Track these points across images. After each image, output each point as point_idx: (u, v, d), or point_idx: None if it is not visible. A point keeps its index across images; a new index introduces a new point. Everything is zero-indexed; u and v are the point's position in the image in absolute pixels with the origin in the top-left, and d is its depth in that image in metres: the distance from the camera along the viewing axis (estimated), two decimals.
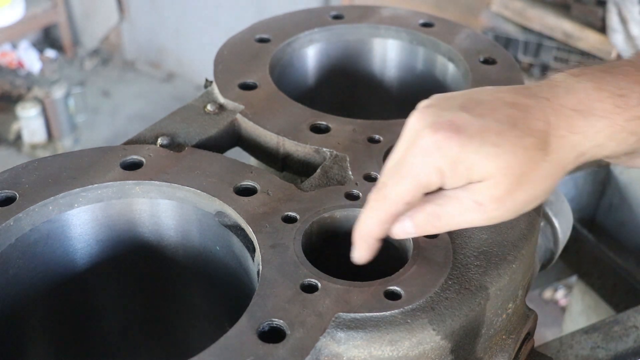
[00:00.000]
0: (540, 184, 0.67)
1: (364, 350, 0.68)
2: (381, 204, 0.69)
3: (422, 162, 0.66)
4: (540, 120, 0.67)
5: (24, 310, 0.85)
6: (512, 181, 0.65)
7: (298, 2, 3.46)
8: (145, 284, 0.94)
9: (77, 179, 0.84)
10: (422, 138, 0.66)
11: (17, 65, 4.55)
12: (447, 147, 0.65)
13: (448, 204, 0.68)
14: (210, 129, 0.95)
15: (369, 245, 0.73)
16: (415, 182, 0.67)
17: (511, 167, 0.64)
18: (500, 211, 0.67)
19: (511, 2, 3.12)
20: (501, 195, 0.65)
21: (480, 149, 0.64)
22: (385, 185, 0.69)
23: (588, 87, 0.69)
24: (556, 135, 0.67)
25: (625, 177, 1.42)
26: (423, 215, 0.69)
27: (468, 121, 0.66)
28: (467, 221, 0.68)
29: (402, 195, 0.68)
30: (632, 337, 1.04)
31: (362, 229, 0.72)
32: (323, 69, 1.19)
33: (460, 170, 0.65)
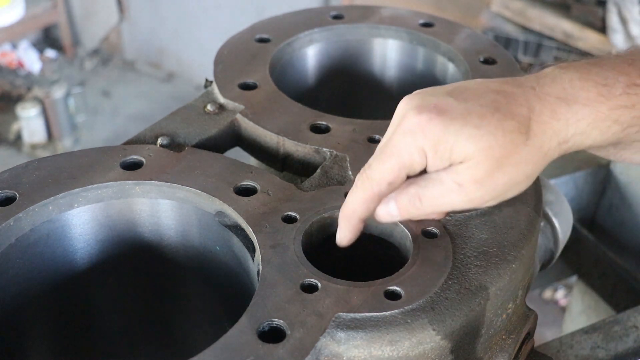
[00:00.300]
0: (520, 167, 0.68)
1: (364, 350, 0.68)
2: (365, 184, 0.71)
3: (405, 142, 0.68)
4: (523, 106, 0.68)
5: (24, 310, 0.85)
6: (492, 163, 0.66)
7: (298, 2, 3.46)
8: (145, 284, 0.94)
9: (77, 179, 0.84)
10: (406, 119, 0.68)
11: (17, 65, 4.55)
12: (430, 128, 0.66)
13: (430, 185, 0.69)
14: (210, 129, 0.95)
15: (352, 226, 0.74)
16: (398, 162, 0.68)
17: (491, 148, 0.66)
18: (480, 192, 0.68)
19: (511, 2, 3.12)
20: (481, 176, 0.66)
21: (462, 130, 0.66)
22: (370, 166, 0.70)
23: (573, 77, 0.70)
24: (538, 121, 0.68)
25: (625, 177, 1.42)
26: (406, 197, 0.70)
27: (452, 105, 0.67)
28: (448, 202, 0.69)
29: (385, 174, 0.69)
30: (632, 337, 1.04)
31: (346, 208, 0.73)
32: (323, 69, 1.19)
33: (441, 151, 0.66)
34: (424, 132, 0.67)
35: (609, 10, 2.86)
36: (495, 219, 0.80)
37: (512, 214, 0.81)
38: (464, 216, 0.80)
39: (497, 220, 0.80)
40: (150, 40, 4.90)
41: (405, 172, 0.69)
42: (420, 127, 0.67)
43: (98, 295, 0.93)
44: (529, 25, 3.12)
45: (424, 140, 0.67)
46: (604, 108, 0.69)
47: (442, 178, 0.68)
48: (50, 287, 0.86)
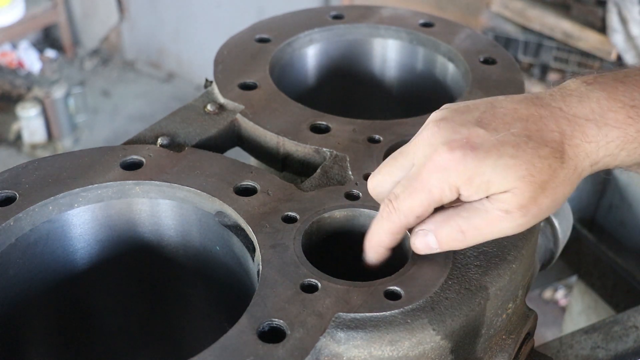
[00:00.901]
0: (560, 189, 0.68)
1: (364, 350, 0.68)
2: (392, 216, 0.70)
3: (436, 179, 0.67)
4: (555, 132, 0.68)
5: (24, 310, 0.85)
6: (536, 188, 0.66)
7: (298, 2, 3.46)
8: (145, 284, 0.94)
9: (77, 179, 0.84)
10: (438, 155, 0.67)
11: (17, 65, 4.55)
12: (464, 164, 0.66)
13: (474, 216, 0.68)
14: (210, 129, 0.95)
15: (379, 254, 0.75)
16: (428, 197, 0.68)
17: (531, 175, 0.66)
18: (527, 217, 0.68)
19: (511, 2, 3.12)
20: (527, 202, 0.66)
21: (498, 163, 0.66)
22: (397, 198, 0.70)
23: (601, 97, 0.70)
24: (571, 145, 0.68)
25: (625, 177, 1.42)
26: (447, 230, 0.70)
27: (484, 137, 0.67)
28: (495, 231, 0.69)
29: (414, 209, 0.69)
30: (632, 337, 1.04)
31: (372, 238, 0.74)
32: (323, 69, 1.19)
33: (477, 185, 0.66)
34: (457, 170, 0.66)
35: (609, 10, 2.86)
36: None
37: None
38: None
39: None
40: (150, 40, 4.90)
41: (434, 206, 0.69)
42: (454, 164, 0.66)
43: (98, 295, 0.93)
44: (529, 25, 3.12)
45: (457, 177, 0.66)
46: (632, 130, 0.69)
47: (487, 207, 0.67)
48: (50, 287, 0.86)
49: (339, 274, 0.72)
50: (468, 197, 0.68)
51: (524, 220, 0.68)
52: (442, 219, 0.70)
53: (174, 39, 4.78)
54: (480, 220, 0.68)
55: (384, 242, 0.73)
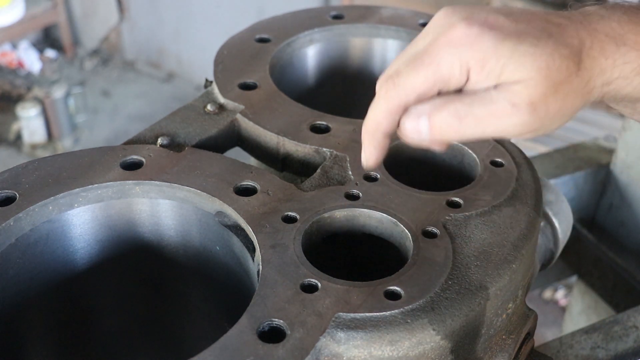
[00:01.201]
0: (570, 97, 0.64)
1: (364, 350, 0.68)
2: (390, 92, 0.65)
3: (448, 54, 0.62)
4: (575, 38, 0.64)
5: (24, 310, 0.85)
6: (549, 86, 0.62)
7: (298, 2, 3.46)
8: (145, 284, 0.94)
9: (77, 179, 0.84)
10: (454, 29, 0.62)
11: (17, 65, 4.56)
12: (480, 43, 0.61)
13: (477, 103, 0.62)
14: (210, 129, 0.95)
15: (377, 142, 0.68)
16: (435, 73, 0.62)
17: (549, 69, 0.61)
18: (532, 117, 0.62)
19: (511, 2, 3.12)
20: (537, 98, 0.61)
21: (517, 47, 0.61)
22: (399, 73, 0.64)
23: (622, 19, 0.67)
24: (588, 55, 0.64)
25: (625, 177, 1.42)
26: (444, 114, 0.63)
27: (504, 22, 0.62)
28: (495, 125, 0.63)
29: (417, 85, 0.63)
30: (632, 337, 1.04)
31: (368, 121, 0.68)
32: (323, 69, 1.19)
33: (490, 68, 0.61)
34: (473, 46, 0.61)
35: None
36: (495, 219, 0.80)
37: (512, 214, 0.81)
38: (464, 216, 0.80)
39: (497, 220, 0.80)
40: (150, 40, 4.90)
41: (438, 87, 0.63)
42: (470, 40, 0.61)
43: (98, 295, 0.93)
44: None
45: (471, 55, 0.61)
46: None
47: (494, 97, 0.61)
48: (50, 287, 0.86)
49: (339, 274, 0.72)
50: (476, 83, 0.62)
51: (529, 119, 0.62)
52: (440, 102, 0.63)
53: (174, 39, 4.78)
54: (483, 109, 0.62)
55: (382, 124, 0.66)
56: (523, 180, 0.86)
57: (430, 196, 0.82)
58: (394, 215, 0.79)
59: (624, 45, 0.66)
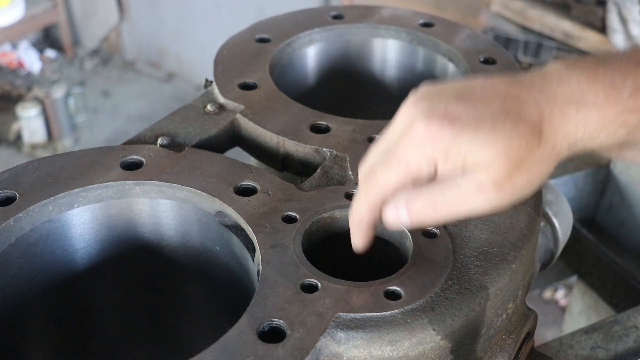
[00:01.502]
0: (536, 168, 0.67)
1: (364, 350, 0.68)
2: (369, 189, 0.69)
3: (413, 152, 0.66)
4: (533, 111, 0.67)
5: (24, 310, 0.85)
6: (511, 165, 0.65)
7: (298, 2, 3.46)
8: (145, 284, 0.94)
9: (77, 179, 0.84)
10: (415, 128, 0.66)
11: (17, 65, 4.56)
12: (441, 137, 0.65)
13: (447, 191, 0.67)
14: (210, 129, 0.95)
15: (362, 232, 0.73)
16: (405, 171, 0.67)
17: (507, 151, 0.65)
18: (501, 196, 0.66)
19: (511, 2, 3.12)
20: (501, 179, 0.65)
21: (475, 137, 0.65)
22: (375, 172, 0.69)
23: (581, 79, 0.69)
24: (549, 125, 0.67)
25: (625, 177, 1.42)
26: (419, 203, 0.68)
27: (462, 111, 0.66)
28: (467, 207, 0.67)
29: (390, 182, 0.68)
30: (632, 337, 1.04)
31: (353, 215, 0.73)
32: (323, 69, 1.19)
33: (453, 159, 0.65)
34: (434, 142, 0.65)
35: (609, 10, 2.86)
36: (495, 219, 0.80)
37: (512, 214, 0.81)
38: None
39: (497, 220, 0.80)
40: (150, 40, 4.90)
41: (411, 180, 0.68)
42: (431, 136, 0.65)
43: (98, 295, 0.93)
44: (529, 25, 3.12)
45: (434, 150, 0.65)
46: (612, 112, 0.68)
47: (460, 183, 0.66)
48: (50, 287, 0.86)
49: (339, 274, 0.72)
50: (443, 173, 0.67)
51: (497, 197, 0.66)
52: (414, 193, 0.68)
53: (174, 39, 4.78)
54: (452, 195, 0.66)
55: (365, 218, 0.71)
56: None
57: None
58: None
59: (583, 107, 0.68)
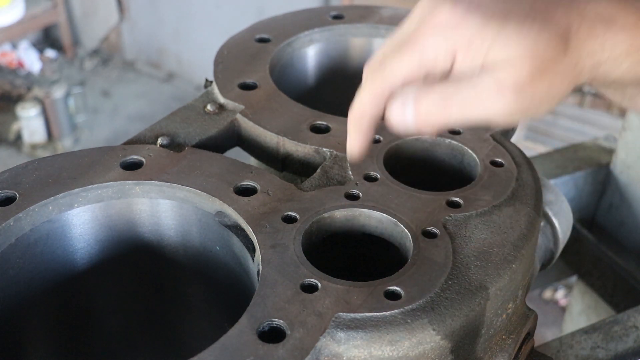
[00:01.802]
0: (558, 80, 0.63)
1: (364, 350, 0.68)
2: (376, 78, 0.65)
3: (433, 38, 0.61)
4: (562, 19, 0.63)
5: (24, 311, 0.85)
6: (535, 67, 0.60)
7: (298, 2, 3.46)
8: (145, 284, 0.94)
9: (77, 179, 0.84)
10: (438, 12, 0.61)
11: (17, 65, 4.56)
12: (465, 24, 0.60)
13: (463, 86, 0.61)
14: (210, 129, 0.95)
15: (362, 130, 0.68)
16: (420, 58, 0.62)
17: (535, 50, 0.60)
18: (519, 101, 0.61)
19: None
20: (524, 80, 0.60)
21: (502, 30, 0.60)
22: (385, 57, 0.64)
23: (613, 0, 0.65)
24: (576, 36, 0.63)
25: (625, 177, 1.42)
26: (429, 100, 0.62)
27: (491, 2, 0.61)
28: (481, 109, 0.61)
29: (402, 70, 0.63)
30: (632, 337, 1.04)
31: (354, 108, 0.67)
32: (323, 69, 1.19)
33: (475, 49, 0.60)
34: (458, 27, 0.60)
35: None
36: (495, 219, 0.80)
37: (512, 214, 0.81)
38: (464, 216, 0.80)
39: (497, 220, 0.80)
40: (150, 40, 4.90)
41: (424, 72, 0.62)
42: (454, 21, 0.60)
43: (98, 295, 0.93)
44: None
45: (456, 36, 0.60)
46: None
47: (480, 79, 0.60)
48: (50, 287, 0.86)
49: (339, 274, 0.72)
50: (462, 65, 0.61)
51: (515, 102, 0.61)
52: (425, 88, 0.62)
53: (174, 39, 4.78)
54: (468, 92, 0.61)
55: (367, 109, 0.66)
56: (523, 180, 0.86)
57: (430, 196, 0.82)
58: (394, 215, 0.79)
59: (613, 26, 0.64)
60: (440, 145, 0.92)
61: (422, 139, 0.91)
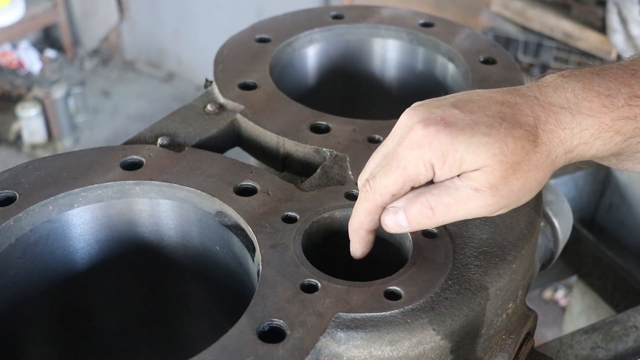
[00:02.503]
0: (532, 173, 0.68)
1: (364, 350, 0.68)
2: (368, 195, 0.71)
3: (411, 156, 0.68)
4: (529, 116, 0.69)
5: (24, 310, 0.85)
6: (507, 168, 0.66)
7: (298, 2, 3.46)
8: (145, 283, 0.94)
9: (77, 179, 0.84)
10: (413, 132, 0.68)
11: (17, 65, 4.55)
12: (437, 141, 0.67)
13: (443, 193, 0.69)
14: (210, 129, 0.95)
15: (361, 238, 0.74)
16: (403, 174, 0.68)
17: (504, 154, 0.66)
18: (496, 198, 0.68)
19: (511, 2, 3.12)
20: (497, 181, 0.67)
21: (471, 140, 0.66)
22: (374, 177, 0.70)
23: (576, 87, 0.70)
24: (544, 130, 0.68)
25: (625, 177, 1.42)
26: (417, 207, 0.69)
27: (458, 116, 0.68)
28: (463, 210, 0.69)
29: (390, 186, 0.69)
30: (632, 337, 1.04)
31: (352, 221, 0.74)
32: (323, 69, 1.19)
33: (450, 162, 0.67)
34: (431, 145, 0.67)
35: (609, 10, 2.86)
36: (495, 219, 0.80)
37: (512, 214, 0.81)
38: None
39: (497, 220, 0.80)
40: (150, 40, 4.90)
41: (410, 185, 0.69)
42: (428, 139, 0.67)
43: (98, 295, 0.93)
44: (529, 25, 3.12)
45: (431, 153, 0.67)
46: (607, 119, 0.70)
47: (457, 185, 0.68)
48: (51, 287, 0.86)
49: (339, 274, 0.72)
50: (441, 176, 0.68)
51: (493, 200, 0.68)
52: (412, 196, 0.70)
53: (174, 39, 4.78)
54: (449, 198, 0.68)
55: (364, 223, 0.73)
56: None
57: None
58: None
59: (579, 114, 0.69)
60: None
61: None
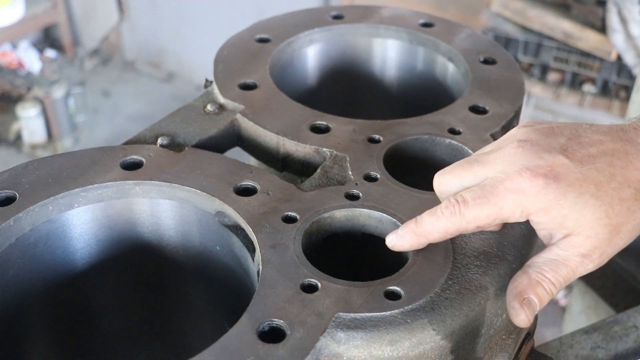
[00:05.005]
0: (636, 229, 0.69)
1: (364, 350, 0.68)
2: (454, 218, 0.70)
3: (512, 199, 0.67)
4: (636, 172, 0.68)
5: (24, 310, 0.85)
6: (611, 230, 0.67)
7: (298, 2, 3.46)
8: (145, 284, 0.94)
9: (77, 179, 0.84)
10: (520, 177, 0.67)
11: (17, 65, 4.55)
12: (544, 195, 0.66)
13: (558, 269, 0.70)
14: (210, 129, 0.95)
15: (418, 243, 0.73)
16: (497, 213, 0.68)
17: (609, 217, 0.66)
18: (603, 257, 0.69)
19: (511, 2, 3.12)
20: (602, 244, 0.67)
21: (578, 200, 0.66)
22: (466, 203, 0.70)
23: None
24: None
25: None
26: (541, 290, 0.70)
27: (568, 168, 0.67)
28: (578, 275, 0.70)
29: (479, 219, 0.69)
30: (632, 337, 1.04)
31: (422, 227, 0.72)
32: (323, 69, 1.19)
33: (552, 216, 0.67)
34: (537, 197, 0.67)
35: (609, 10, 2.86)
36: None
37: None
38: None
39: None
40: (150, 40, 4.90)
41: (498, 222, 0.70)
42: (534, 191, 0.67)
43: (98, 295, 0.93)
44: (529, 25, 3.12)
45: (532, 205, 0.67)
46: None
47: (565, 257, 0.69)
48: (51, 287, 0.86)
49: (339, 274, 0.72)
50: (539, 225, 0.69)
51: (600, 260, 0.69)
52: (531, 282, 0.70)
53: (174, 39, 4.78)
54: (565, 271, 0.69)
55: (433, 236, 0.72)
56: None
57: (430, 196, 0.82)
58: (394, 215, 0.79)
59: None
60: (440, 145, 0.92)
61: (421, 139, 0.91)
